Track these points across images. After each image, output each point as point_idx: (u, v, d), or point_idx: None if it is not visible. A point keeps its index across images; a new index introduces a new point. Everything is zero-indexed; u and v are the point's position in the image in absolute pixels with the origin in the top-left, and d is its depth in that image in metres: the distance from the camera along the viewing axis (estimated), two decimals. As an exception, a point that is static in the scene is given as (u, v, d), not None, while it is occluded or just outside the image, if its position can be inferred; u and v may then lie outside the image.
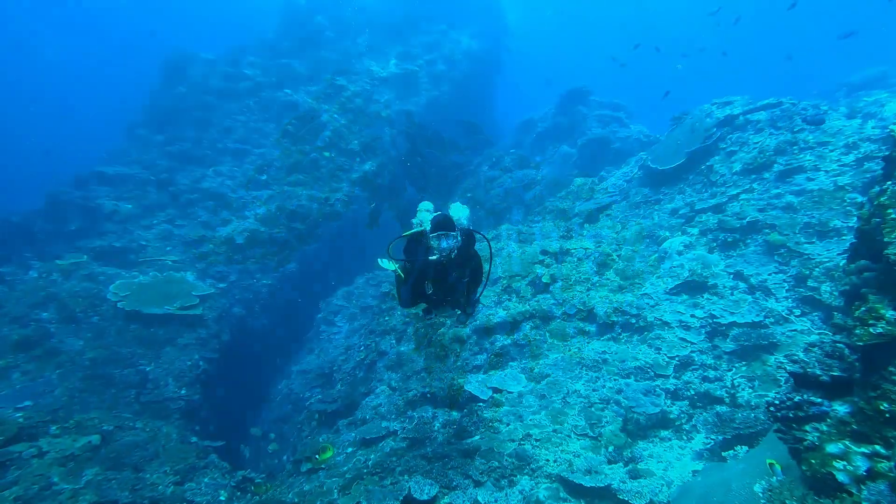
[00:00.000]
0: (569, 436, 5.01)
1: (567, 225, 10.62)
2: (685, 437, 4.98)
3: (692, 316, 5.96)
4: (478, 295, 4.03)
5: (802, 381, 2.70)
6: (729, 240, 6.49)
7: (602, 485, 4.02)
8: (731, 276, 6.13)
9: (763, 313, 5.44)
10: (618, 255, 7.55)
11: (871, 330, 2.38)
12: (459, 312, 4.02)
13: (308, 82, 18.40)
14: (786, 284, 5.68)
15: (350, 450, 5.55)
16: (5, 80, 45.47)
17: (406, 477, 4.33)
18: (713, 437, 4.71)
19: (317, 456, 4.94)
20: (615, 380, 5.63)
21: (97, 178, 13.80)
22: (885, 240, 2.41)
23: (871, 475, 2.23)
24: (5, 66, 45.56)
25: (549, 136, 16.64)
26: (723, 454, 4.28)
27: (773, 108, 7.82)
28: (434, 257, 3.55)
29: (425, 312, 3.98)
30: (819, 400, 2.60)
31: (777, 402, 2.74)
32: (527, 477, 4.39)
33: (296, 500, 4.34)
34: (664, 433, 5.10)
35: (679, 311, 6.07)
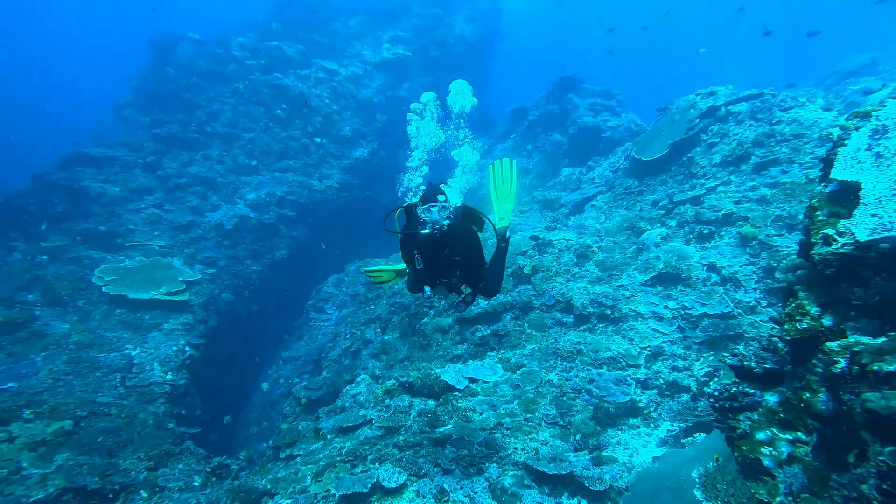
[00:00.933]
0: (539, 424, 5.15)
1: (553, 215, 10.68)
2: (652, 425, 5.13)
3: (665, 307, 6.08)
4: (483, 281, 3.76)
5: (740, 372, 2.81)
6: (705, 232, 6.57)
7: (564, 472, 4.16)
8: (705, 268, 6.23)
9: (732, 304, 5.56)
10: (598, 247, 7.63)
11: (797, 325, 2.48)
12: (456, 297, 3.81)
13: (299, 66, 18.11)
14: (755, 276, 5.79)
15: (329, 437, 5.68)
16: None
17: (377, 465, 4.46)
18: (677, 424, 4.87)
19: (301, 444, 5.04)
20: (588, 370, 5.76)
21: (83, 159, 13.65)
22: (812, 240, 2.49)
23: (791, 459, 2.36)
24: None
25: (540, 123, 16.54)
26: (682, 441, 4.44)
27: (754, 100, 7.83)
28: (426, 231, 3.28)
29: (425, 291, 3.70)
30: (752, 391, 2.71)
31: (716, 393, 2.86)
32: (495, 465, 4.52)
33: (269, 486, 4.45)
34: (633, 421, 5.25)
35: (653, 303, 6.19)
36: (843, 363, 2.12)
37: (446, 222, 3.29)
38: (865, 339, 2.13)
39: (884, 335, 2.10)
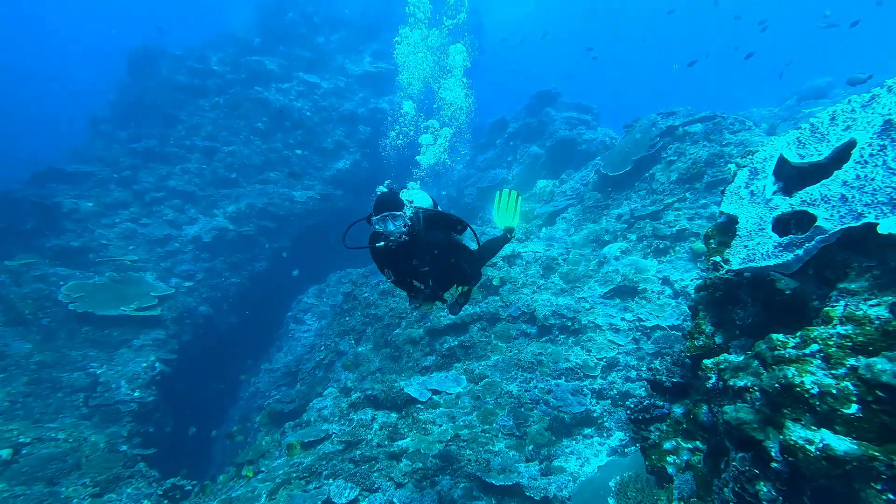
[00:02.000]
0: (496, 435, 5.24)
1: (527, 227, 10.86)
2: (605, 435, 5.25)
3: (622, 319, 6.24)
4: (461, 288, 3.63)
5: (654, 386, 2.96)
6: (661, 246, 6.78)
7: (511, 483, 4.25)
8: (660, 282, 6.42)
9: (682, 317, 5.74)
10: (563, 259, 7.80)
11: (696, 342, 2.64)
12: (441, 304, 3.67)
13: (280, 80, 18.21)
14: (707, 290, 5.99)
15: (286, 456, 5.70)
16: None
17: (330, 480, 4.51)
18: (628, 434, 4.99)
19: (245, 470, 5.04)
20: (547, 380, 5.88)
21: (55, 175, 13.58)
22: (707, 266, 2.67)
23: (687, 467, 2.50)
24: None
25: (519, 136, 16.82)
26: (626, 451, 4.56)
27: (707, 121, 8.14)
28: (380, 244, 3.06)
29: (410, 301, 3.60)
30: (662, 403, 2.86)
31: (631, 405, 2.99)
32: (448, 477, 4.60)
33: None
34: (587, 430, 5.37)
35: (611, 315, 6.35)
36: (713, 379, 2.28)
37: (404, 230, 3.03)
38: (731, 357, 2.30)
39: (745, 354, 2.27)
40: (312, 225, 15.57)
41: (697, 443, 2.56)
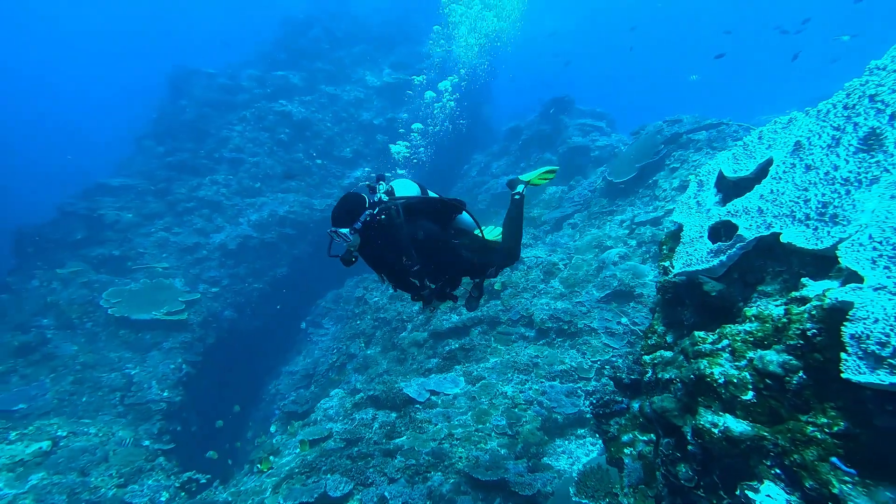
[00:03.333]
0: (489, 434, 5.47)
1: (535, 232, 11.04)
2: (597, 435, 5.40)
3: (618, 323, 6.36)
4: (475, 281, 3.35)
5: (616, 383, 3.15)
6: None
7: (497, 478, 4.48)
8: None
9: (675, 322, 5.82)
10: (564, 264, 7.96)
11: (649, 341, 2.83)
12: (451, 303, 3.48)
13: (303, 93, 19.07)
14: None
15: (297, 450, 6.09)
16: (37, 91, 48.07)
17: (328, 475, 4.85)
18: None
19: (259, 465, 5.45)
20: (541, 382, 6.06)
21: (102, 189, 14.71)
22: (659, 270, 2.86)
23: (639, 457, 2.68)
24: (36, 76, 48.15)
25: (533, 143, 16.99)
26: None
27: (713, 129, 8.14)
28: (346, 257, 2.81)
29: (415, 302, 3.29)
30: (621, 399, 3.04)
31: (594, 400, 3.19)
32: (439, 473, 4.86)
33: (229, 499, 4.88)
34: (580, 431, 5.52)
35: (606, 319, 6.47)
36: (650, 373, 2.48)
37: (354, 243, 2.78)
38: (666, 353, 2.49)
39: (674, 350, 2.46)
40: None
41: (652, 435, 2.75)
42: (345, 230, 2.78)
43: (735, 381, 1.97)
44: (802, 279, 1.97)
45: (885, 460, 1.56)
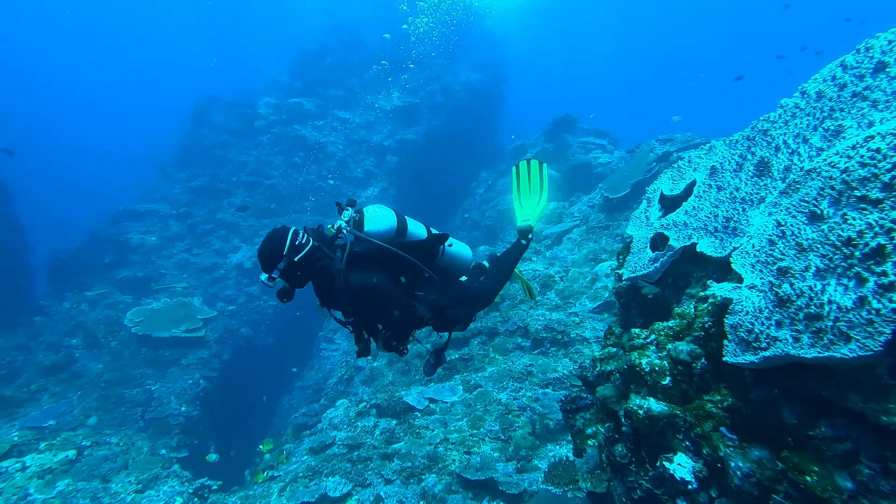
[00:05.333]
0: (482, 439, 5.75)
1: (536, 247, 11.36)
2: (586, 442, 5.62)
3: (608, 333, 6.62)
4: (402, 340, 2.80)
5: (583, 381, 3.45)
6: (647, 263, 7.13)
7: (485, 478, 4.76)
8: (645, 297, 6.76)
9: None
10: (560, 277, 8.27)
11: (607, 342, 3.15)
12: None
13: (316, 117, 20.02)
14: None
15: (305, 457, 6.46)
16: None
17: (329, 478, 5.20)
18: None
19: (255, 478, 5.82)
20: (535, 389, 6.33)
21: (128, 214, 15.66)
22: (616, 277, 3.20)
23: (598, 446, 2.97)
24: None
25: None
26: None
27: (701, 148, 8.43)
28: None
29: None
30: (586, 395, 3.34)
31: (563, 398, 3.50)
32: (434, 475, 5.16)
33: (238, 502, 5.27)
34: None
35: (598, 329, 6.74)
36: (598, 367, 2.81)
37: (275, 286, 2.41)
38: (611, 349, 2.82)
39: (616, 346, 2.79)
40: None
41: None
42: (264, 276, 2.39)
43: (657, 368, 2.30)
44: (708, 281, 2.31)
45: (756, 425, 1.87)
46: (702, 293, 2.27)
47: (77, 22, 43.71)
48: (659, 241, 2.85)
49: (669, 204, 3.05)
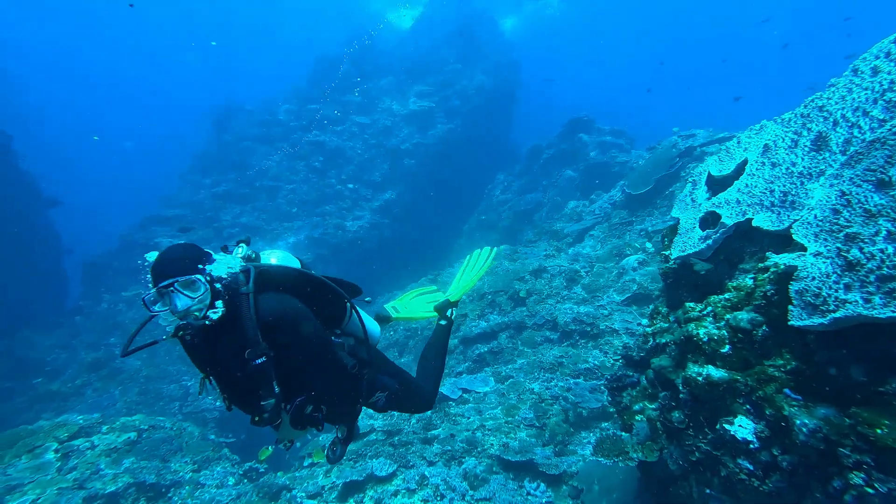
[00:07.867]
0: (518, 426, 5.88)
1: (558, 244, 11.49)
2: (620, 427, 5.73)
3: (638, 324, 6.71)
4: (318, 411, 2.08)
5: (627, 360, 3.58)
6: (676, 256, 7.22)
7: (525, 459, 4.89)
8: (675, 289, 6.85)
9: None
10: (586, 272, 8.38)
11: (654, 321, 3.28)
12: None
13: (335, 123, 20.41)
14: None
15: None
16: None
17: (373, 460, 5.38)
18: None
19: (311, 458, 6.03)
20: (566, 380, 6.45)
21: (156, 219, 16.17)
22: (661, 259, 3.34)
23: (648, 420, 3.10)
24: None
25: (554, 161, 17.56)
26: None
27: (724, 142, 8.52)
28: (166, 336, 1.94)
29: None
30: (632, 373, 3.47)
31: (608, 377, 3.63)
32: (473, 458, 5.31)
33: (287, 482, 5.48)
34: (604, 424, 5.85)
35: (627, 320, 6.84)
36: (651, 341, 2.95)
37: (209, 319, 1.85)
38: (663, 324, 2.95)
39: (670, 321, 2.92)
40: (362, 251, 17.07)
41: (658, 402, 3.19)
42: (194, 277, 1.85)
43: (716, 338, 2.43)
44: (767, 253, 2.44)
45: (821, 386, 2.00)
46: (761, 265, 2.41)
47: (94, 27, 45.20)
48: (710, 220, 2.99)
49: (716, 185, 3.18)
